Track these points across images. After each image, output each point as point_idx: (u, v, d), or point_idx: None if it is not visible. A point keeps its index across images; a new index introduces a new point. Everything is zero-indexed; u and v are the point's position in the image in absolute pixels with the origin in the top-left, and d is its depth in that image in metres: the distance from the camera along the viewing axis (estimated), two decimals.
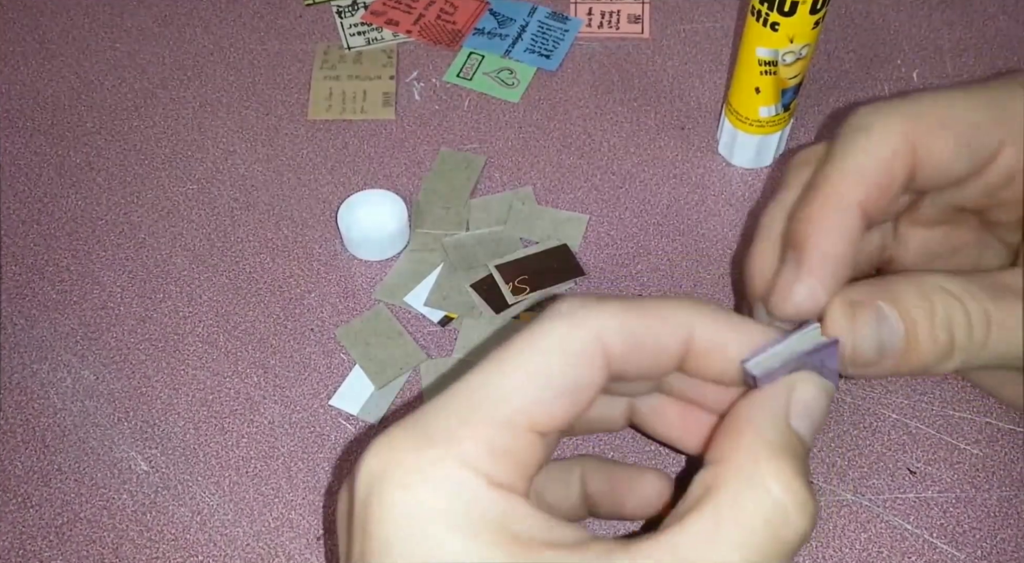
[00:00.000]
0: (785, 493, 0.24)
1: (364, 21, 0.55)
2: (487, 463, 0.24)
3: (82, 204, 0.48)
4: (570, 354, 0.26)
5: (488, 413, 0.25)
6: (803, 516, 0.24)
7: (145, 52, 0.55)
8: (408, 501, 0.24)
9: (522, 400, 0.25)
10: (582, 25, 0.55)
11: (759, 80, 0.44)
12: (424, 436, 0.25)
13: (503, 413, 0.25)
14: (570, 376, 0.26)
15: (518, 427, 0.25)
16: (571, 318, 0.26)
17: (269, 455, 0.40)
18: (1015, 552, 0.37)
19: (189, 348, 0.43)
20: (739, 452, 0.25)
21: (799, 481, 0.24)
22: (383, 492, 0.24)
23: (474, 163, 0.49)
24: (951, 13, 0.55)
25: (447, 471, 0.24)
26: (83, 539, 0.38)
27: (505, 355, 0.26)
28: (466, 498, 0.24)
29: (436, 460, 0.24)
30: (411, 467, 0.24)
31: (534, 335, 0.26)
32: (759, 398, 0.27)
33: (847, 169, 0.30)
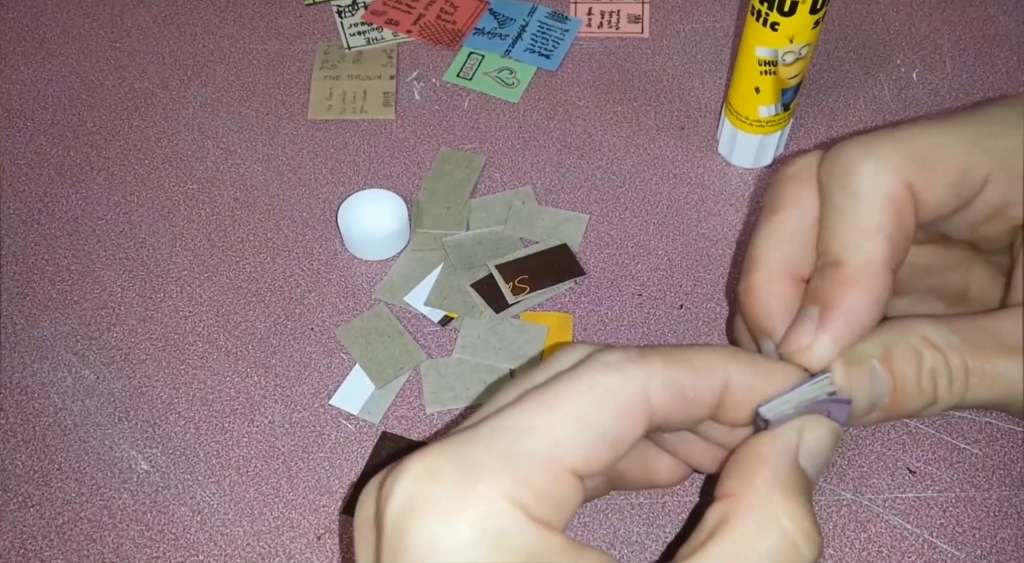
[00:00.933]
0: (795, 527, 0.26)
1: (364, 21, 0.55)
2: (530, 501, 0.25)
3: (82, 204, 0.48)
4: (618, 407, 0.26)
5: (533, 453, 0.25)
6: (811, 548, 0.26)
7: (145, 52, 0.55)
8: (447, 538, 0.24)
9: (567, 445, 0.25)
10: (582, 25, 0.55)
11: (759, 80, 0.44)
12: (467, 469, 0.25)
13: (548, 455, 0.25)
14: (616, 428, 0.26)
15: (560, 470, 0.25)
16: (620, 371, 0.27)
17: (269, 455, 0.40)
18: (1015, 552, 0.37)
19: (189, 348, 0.43)
20: (753, 488, 0.27)
21: (808, 516, 0.26)
22: (421, 523, 0.24)
23: (474, 163, 0.49)
24: (951, 13, 0.55)
25: (489, 503, 0.24)
26: (83, 539, 0.38)
27: (552, 398, 0.26)
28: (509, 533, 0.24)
29: (478, 497, 0.24)
30: (452, 502, 0.24)
31: (582, 382, 0.26)
32: (772, 438, 0.28)
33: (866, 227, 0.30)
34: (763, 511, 0.26)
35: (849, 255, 0.29)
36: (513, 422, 0.26)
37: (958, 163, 0.30)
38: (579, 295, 0.44)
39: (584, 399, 0.26)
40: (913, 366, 0.29)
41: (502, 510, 0.24)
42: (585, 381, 0.26)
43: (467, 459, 0.25)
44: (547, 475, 0.25)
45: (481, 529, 0.24)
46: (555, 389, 0.26)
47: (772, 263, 0.32)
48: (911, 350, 0.29)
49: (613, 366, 0.27)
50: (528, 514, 0.24)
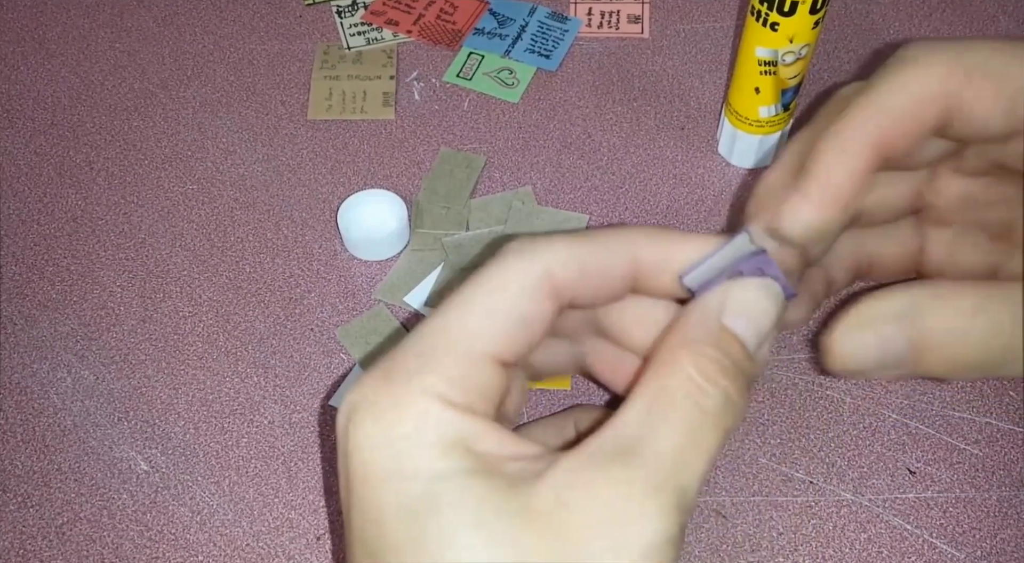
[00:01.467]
0: (700, 373, 0.26)
1: (364, 21, 0.55)
2: (449, 391, 0.26)
3: (82, 204, 0.48)
4: (522, 287, 0.27)
5: (448, 347, 0.27)
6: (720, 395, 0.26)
7: (145, 52, 0.55)
8: (378, 428, 0.26)
9: (479, 332, 0.27)
10: (582, 25, 0.55)
11: (759, 80, 0.44)
12: (391, 373, 0.27)
13: (462, 346, 0.27)
14: (523, 307, 0.27)
15: (477, 357, 0.27)
16: (520, 254, 0.28)
17: (269, 455, 0.40)
18: (1015, 552, 0.37)
19: (189, 348, 0.43)
20: (661, 350, 0.27)
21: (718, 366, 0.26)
22: (357, 424, 0.26)
23: (474, 163, 0.49)
24: (951, 13, 0.55)
25: (411, 399, 0.26)
26: (83, 539, 0.38)
27: (462, 294, 0.28)
28: (429, 422, 0.26)
29: (402, 393, 0.26)
30: (380, 400, 0.26)
31: (488, 273, 0.28)
32: (693, 303, 0.28)
33: (872, 104, 0.29)
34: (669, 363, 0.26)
35: (841, 124, 0.29)
36: (433, 324, 0.27)
37: (1014, 78, 0.29)
38: None
39: (491, 286, 0.27)
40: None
41: (420, 401, 0.26)
42: (491, 270, 0.28)
43: (392, 366, 0.27)
44: (466, 365, 0.26)
45: (409, 418, 0.25)
46: (468, 285, 0.28)
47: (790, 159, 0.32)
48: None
49: (514, 251, 0.28)
50: (450, 403, 0.26)
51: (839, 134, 0.29)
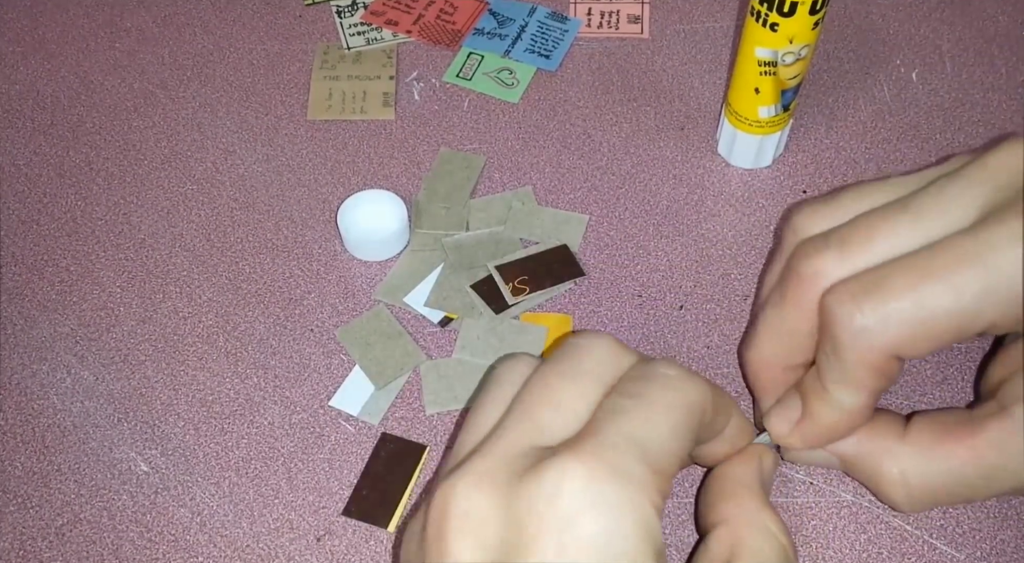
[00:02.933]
0: (777, 529, 0.33)
1: (364, 21, 0.55)
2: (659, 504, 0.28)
3: (82, 204, 0.48)
4: (694, 412, 0.30)
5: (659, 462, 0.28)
6: (792, 545, 0.33)
7: (145, 52, 0.55)
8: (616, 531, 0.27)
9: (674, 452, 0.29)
10: (582, 25, 0.55)
11: (759, 80, 0.44)
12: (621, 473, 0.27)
13: (666, 462, 0.29)
14: (693, 431, 0.30)
15: (670, 475, 0.29)
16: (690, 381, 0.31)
17: (269, 456, 0.40)
18: (1015, 553, 0.37)
19: (189, 348, 0.43)
20: (745, 510, 0.34)
21: (778, 518, 0.34)
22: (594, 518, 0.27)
23: (474, 163, 0.49)
24: (951, 13, 0.55)
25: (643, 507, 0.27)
26: (83, 540, 0.38)
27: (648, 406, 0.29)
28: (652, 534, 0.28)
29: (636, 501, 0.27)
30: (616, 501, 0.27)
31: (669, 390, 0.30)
32: (743, 465, 0.35)
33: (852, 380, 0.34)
34: (760, 527, 0.33)
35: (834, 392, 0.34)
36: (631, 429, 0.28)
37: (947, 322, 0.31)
38: (579, 296, 0.44)
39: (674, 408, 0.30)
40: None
41: (650, 511, 0.27)
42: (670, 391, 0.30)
43: (619, 464, 0.27)
44: (667, 482, 0.29)
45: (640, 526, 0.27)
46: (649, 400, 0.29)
47: (768, 353, 0.37)
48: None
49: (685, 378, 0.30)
50: (658, 511, 0.28)
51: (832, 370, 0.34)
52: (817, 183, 0.48)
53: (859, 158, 0.49)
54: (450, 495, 0.28)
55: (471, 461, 0.29)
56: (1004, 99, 0.51)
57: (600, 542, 0.26)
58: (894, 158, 0.49)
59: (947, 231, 0.32)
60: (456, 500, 0.28)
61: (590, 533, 0.26)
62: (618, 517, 0.27)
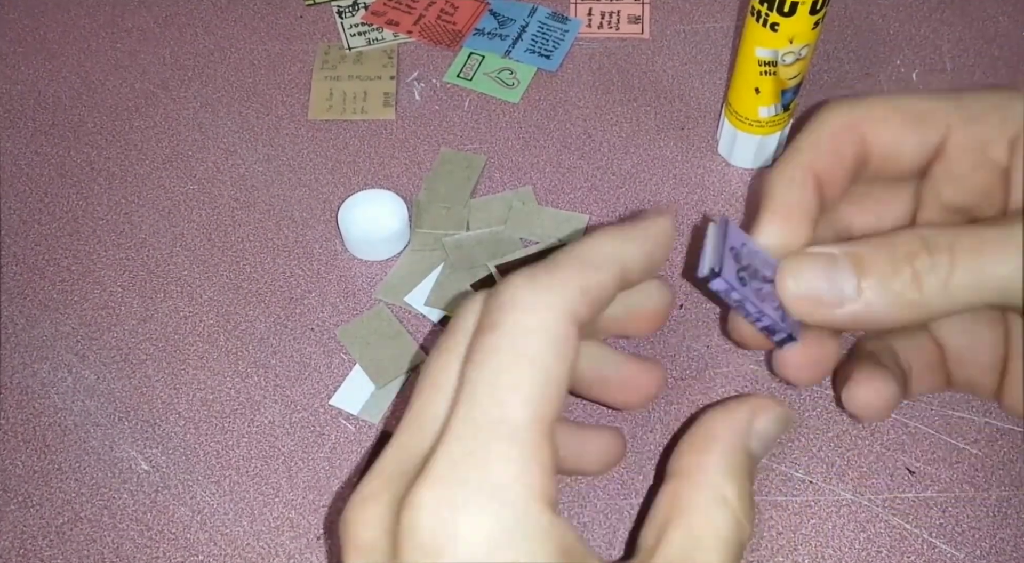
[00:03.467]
0: (740, 506, 0.28)
1: (364, 21, 0.55)
2: (548, 489, 0.25)
3: (82, 204, 0.48)
4: (557, 343, 0.26)
5: (531, 443, 0.25)
6: (751, 523, 0.29)
7: (145, 52, 0.55)
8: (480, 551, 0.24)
9: (539, 409, 0.25)
10: (582, 25, 0.55)
11: (759, 80, 0.44)
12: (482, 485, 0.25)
13: (540, 433, 0.25)
14: (565, 363, 0.26)
15: (545, 436, 0.26)
16: (545, 309, 0.26)
17: (269, 455, 0.40)
18: (1014, 552, 0.37)
19: (189, 348, 0.43)
20: (706, 470, 0.29)
21: (749, 496, 0.29)
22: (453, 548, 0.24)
23: (474, 163, 0.49)
24: (951, 13, 0.56)
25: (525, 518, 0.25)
26: (83, 539, 0.38)
27: (504, 367, 0.26)
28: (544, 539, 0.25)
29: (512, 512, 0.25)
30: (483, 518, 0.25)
31: (514, 336, 0.26)
32: (724, 417, 0.30)
33: (800, 144, 0.33)
34: (714, 492, 0.28)
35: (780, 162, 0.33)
36: (493, 412, 0.25)
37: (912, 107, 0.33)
38: None
39: (535, 356, 0.26)
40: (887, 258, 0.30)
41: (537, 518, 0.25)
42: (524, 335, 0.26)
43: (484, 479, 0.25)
44: (544, 448, 0.25)
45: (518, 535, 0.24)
46: (502, 357, 0.26)
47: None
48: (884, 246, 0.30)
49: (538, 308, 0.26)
50: (552, 506, 0.25)
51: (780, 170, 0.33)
52: None
53: None
54: (345, 518, 0.27)
55: (364, 480, 0.27)
56: None
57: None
58: None
59: None
60: (345, 525, 0.27)
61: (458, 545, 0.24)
62: (486, 539, 0.24)
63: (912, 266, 0.29)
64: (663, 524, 0.28)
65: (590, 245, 0.29)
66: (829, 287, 0.30)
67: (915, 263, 0.29)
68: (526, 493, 0.24)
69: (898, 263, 0.30)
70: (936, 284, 0.29)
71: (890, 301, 0.30)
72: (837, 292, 0.30)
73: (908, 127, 0.33)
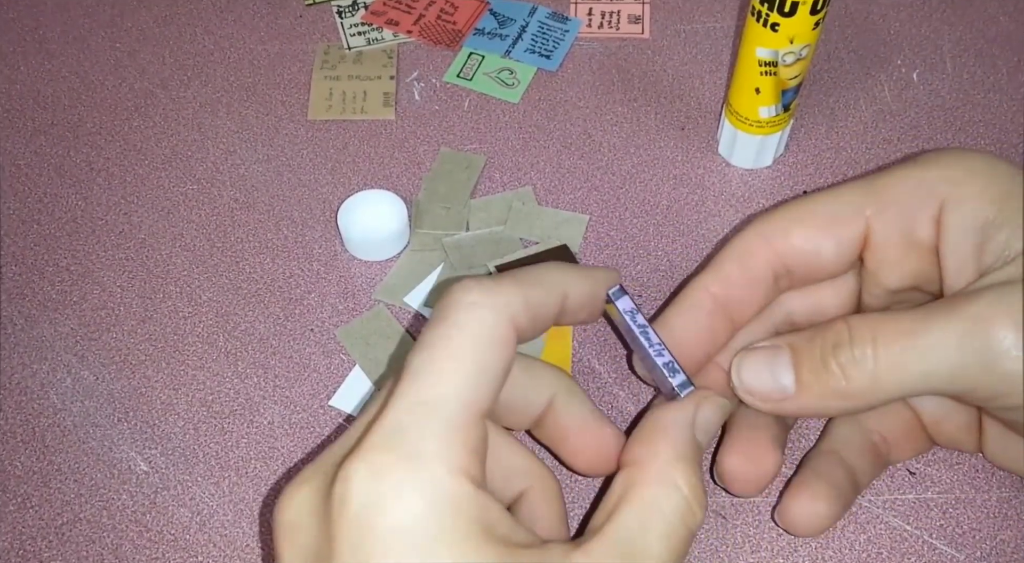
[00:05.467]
0: (690, 491, 0.30)
1: (364, 21, 0.55)
2: (468, 464, 0.27)
3: (82, 204, 0.48)
4: (496, 340, 0.28)
5: (455, 419, 0.27)
6: (701, 509, 0.30)
7: (145, 52, 0.55)
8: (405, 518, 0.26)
9: (474, 396, 0.28)
10: (582, 25, 0.55)
11: (759, 80, 0.44)
12: (409, 456, 0.26)
13: (465, 414, 0.27)
14: (501, 360, 0.28)
15: (476, 420, 0.28)
16: (486, 309, 0.29)
17: (269, 456, 0.40)
18: (1014, 553, 0.37)
19: (189, 348, 0.43)
20: (655, 456, 0.31)
21: (699, 482, 0.31)
22: (386, 517, 0.26)
23: (474, 163, 0.49)
24: (951, 13, 0.55)
25: (442, 484, 0.26)
26: (83, 539, 0.38)
27: (440, 354, 0.28)
28: (462, 508, 0.26)
29: (429, 480, 0.26)
30: (406, 488, 0.26)
31: (461, 328, 0.28)
32: (671, 409, 0.33)
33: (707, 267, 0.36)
34: (664, 477, 0.30)
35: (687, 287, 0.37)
36: (419, 390, 0.27)
37: (824, 212, 0.34)
38: None
39: (470, 347, 0.28)
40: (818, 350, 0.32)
41: (455, 484, 0.26)
42: (461, 324, 0.28)
43: (406, 448, 0.26)
44: (471, 431, 0.27)
45: (443, 505, 0.26)
46: (440, 343, 0.28)
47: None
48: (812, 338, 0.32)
49: (479, 305, 0.29)
50: (473, 480, 0.27)
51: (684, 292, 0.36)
52: (817, 183, 0.48)
53: (860, 158, 0.49)
54: (279, 503, 0.29)
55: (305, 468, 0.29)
56: (1005, 99, 0.51)
57: (405, 539, 0.25)
58: (894, 158, 0.49)
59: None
60: (279, 508, 0.29)
61: (389, 533, 0.25)
62: (413, 507, 0.26)
63: (837, 358, 0.31)
64: (613, 507, 0.30)
65: (541, 268, 0.32)
66: (772, 381, 0.33)
67: (840, 356, 0.31)
68: (447, 464, 0.26)
69: (826, 356, 0.31)
70: (862, 377, 0.31)
71: (821, 394, 0.32)
72: (778, 386, 0.32)
73: (821, 231, 0.34)
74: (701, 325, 0.35)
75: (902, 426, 0.37)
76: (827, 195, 0.35)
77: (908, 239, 0.34)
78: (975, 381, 0.29)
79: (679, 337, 0.35)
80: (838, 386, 0.31)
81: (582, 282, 0.33)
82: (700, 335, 0.36)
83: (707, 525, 0.38)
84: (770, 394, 0.33)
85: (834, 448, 0.37)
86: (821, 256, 0.35)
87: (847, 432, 0.37)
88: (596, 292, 0.34)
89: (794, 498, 0.35)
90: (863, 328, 0.31)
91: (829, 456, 0.36)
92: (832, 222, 0.34)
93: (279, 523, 0.29)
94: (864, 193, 0.34)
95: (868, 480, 0.37)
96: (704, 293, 0.36)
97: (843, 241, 0.34)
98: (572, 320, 0.33)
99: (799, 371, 0.32)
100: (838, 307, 0.37)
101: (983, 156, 0.33)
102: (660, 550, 0.29)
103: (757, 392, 0.33)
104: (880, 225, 0.34)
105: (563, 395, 0.34)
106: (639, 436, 0.32)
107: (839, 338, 0.31)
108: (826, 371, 0.31)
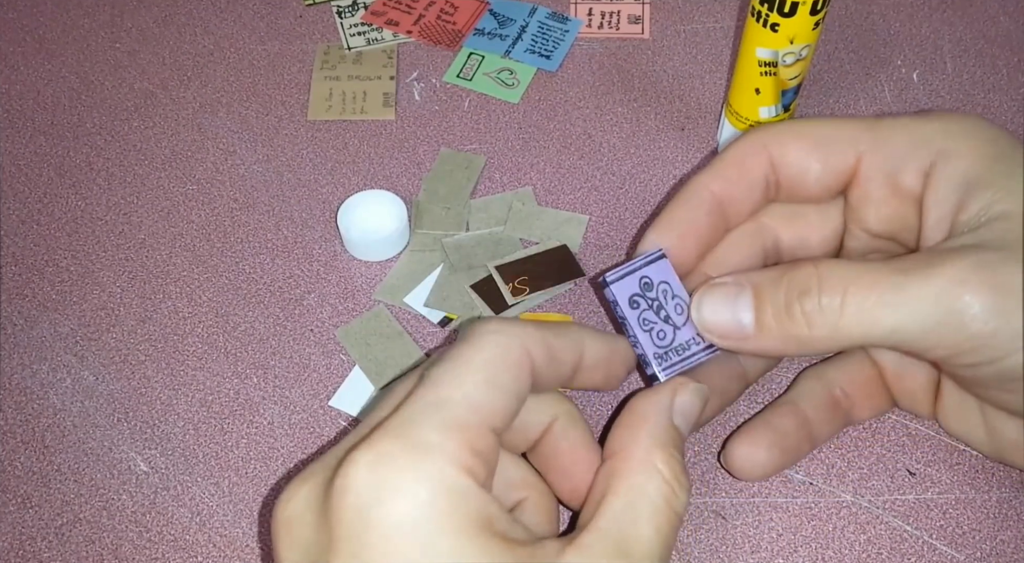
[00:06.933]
0: (672, 475, 0.31)
1: (364, 21, 0.55)
2: (472, 464, 0.27)
3: (82, 204, 0.48)
4: (511, 363, 0.29)
5: (461, 419, 0.28)
6: (684, 492, 0.31)
7: (145, 52, 0.55)
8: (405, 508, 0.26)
9: (487, 406, 0.28)
10: (582, 25, 0.55)
11: (759, 81, 0.44)
12: (415, 447, 0.27)
13: (473, 418, 0.28)
14: (514, 381, 0.29)
15: (484, 429, 0.28)
16: (503, 334, 0.30)
17: (269, 456, 0.40)
18: (1014, 554, 0.37)
19: (189, 348, 0.43)
20: (636, 443, 0.31)
21: (680, 466, 0.31)
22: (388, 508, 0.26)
23: (474, 163, 0.49)
24: (951, 13, 0.55)
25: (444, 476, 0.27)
26: (83, 540, 0.38)
27: (456, 366, 0.29)
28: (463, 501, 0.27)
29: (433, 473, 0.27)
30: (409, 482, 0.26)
31: (478, 348, 0.29)
32: (649, 398, 0.33)
33: (710, 166, 0.37)
34: (645, 464, 0.31)
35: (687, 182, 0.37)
36: (436, 394, 0.28)
37: (818, 132, 0.35)
38: (579, 296, 0.44)
39: (483, 362, 0.29)
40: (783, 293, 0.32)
41: (454, 476, 0.27)
42: (480, 346, 0.29)
43: (412, 438, 0.27)
44: (478, 436, 0.28)
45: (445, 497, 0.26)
46: (460, 358, 0.29)
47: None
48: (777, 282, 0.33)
49: (496, 331, 0.30)
50: (475, 478, 0.27)
51: (683, 188, 0.37)
52: None
53: None
54: (280, 500, 0.29)
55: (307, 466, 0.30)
56: (1005, 99, 0.51)
57: (405, 528, 0.26)
58: None
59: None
60: (279, 505, 0.29)
61: (390, 522, 0.26)
62: (415, 496, 0.26)
63: (802, 305, 0.32)
64: (600, 499, 0.30)
65: (563, 324, 0.33)
66: (731, 319, 0.33)
67: (806, 304, 0.31)
68: (450, 458, 0.27)
69: (791, 302, 0.32)
70: (825, 325, 0.31)
71: (781, 337, 0.32)
72: (737, 325, 0.33)
73: (812, 152, 0.35)
74: (700, 222, 0.36)
75: (864, 379, 0.38)
76: (830, 122, 0.36)
77: (893, 183, 0.35)
78: (941, 339, 0.30)
79: (681, 231, 0.36)
80: (800, 332, 0.32)
81: (600, 342, 0.34)
82: (699, 230, 0.36)
83: (707, 525, 0.38)
84: (729, 332, 0.34)
85: (793, 399, 0.38)
86: (807, 175, 0.36)
87: (809, 385, 0.38)
88: (612, 355, 0.34)
89: (737, 444, 0.37)
90: (833, 277, 0.31)
91: (785, 406, 0.38)
92: (826, 146, 0.35)
93: (278, 519, 0.29)
94: (864, 129, 0.35)
95: (827, 434, 0.38)
96: (705, 190, 0.36)
97: (830, 167, 0.35)
98: (588, 380, 0.34)
99: (760, 313, 0.33)
100: (821, 242, 0.38)
101: (985, 121, 0.34)
102: (650, 533, 0.29)
103: (715, 328, 0.34)
104: (870, 163, 0.35)
105: (564, 419, 0.34)
106: (620, 425, 0.33)
107: (807, 284, 0.32)
108: (789, 317, 0.32)
